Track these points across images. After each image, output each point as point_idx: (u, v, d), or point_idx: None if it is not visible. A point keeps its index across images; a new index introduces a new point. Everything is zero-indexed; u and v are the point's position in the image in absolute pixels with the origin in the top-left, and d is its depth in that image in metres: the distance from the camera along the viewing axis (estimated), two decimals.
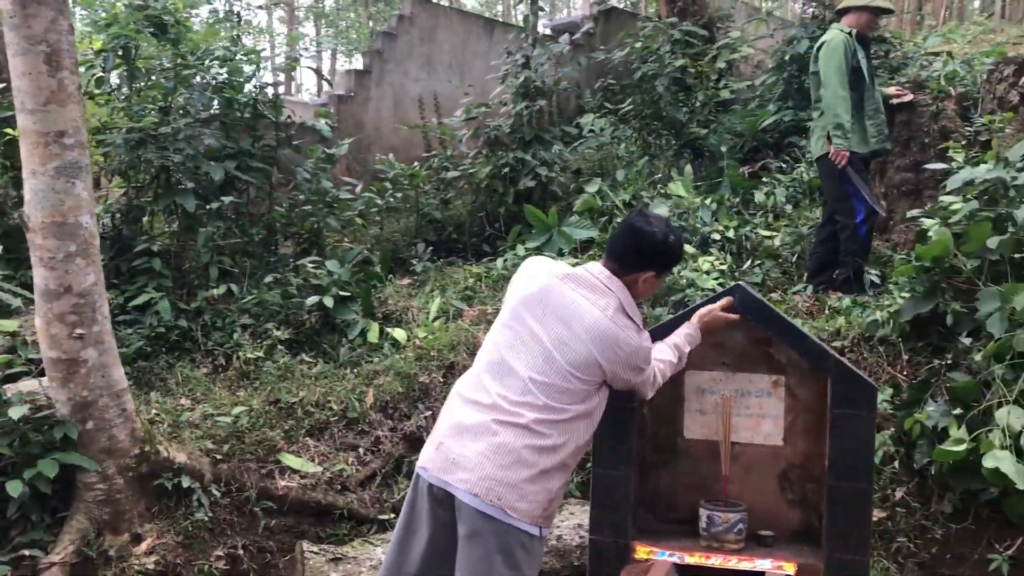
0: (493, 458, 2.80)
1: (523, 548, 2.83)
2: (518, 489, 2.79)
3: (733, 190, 7.23)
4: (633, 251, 3.01)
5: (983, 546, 4.33)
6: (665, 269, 3.12)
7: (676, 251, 3.07)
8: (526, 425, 2.83)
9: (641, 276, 3.02)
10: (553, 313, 2.94)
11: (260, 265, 6.36)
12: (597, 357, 2.90)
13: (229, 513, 4.31)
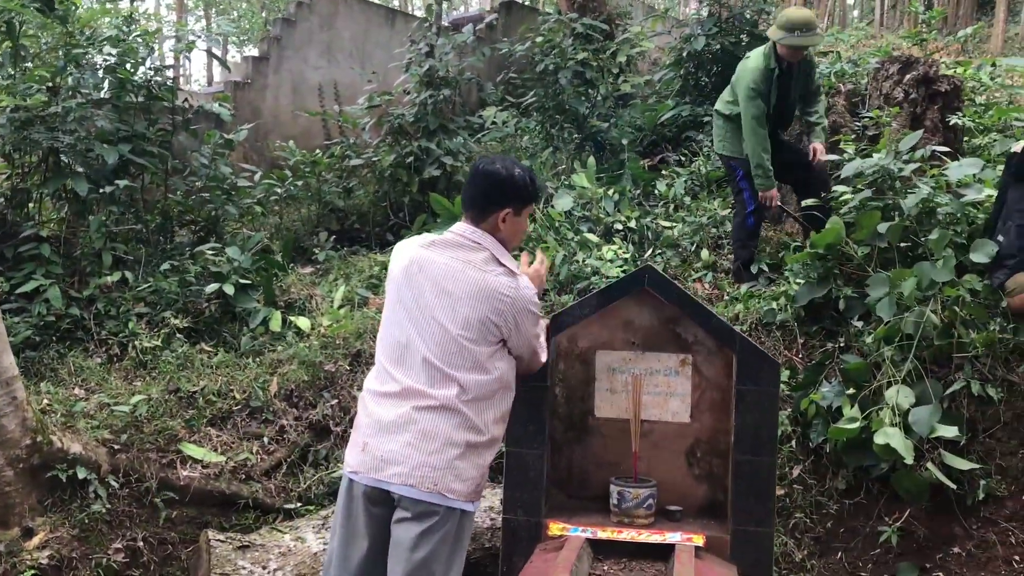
0: (421, 446, 2.80)
1: (462, 527, 2.88)
2: (452, 470, 2.81)
3: (634, 182, 7.37)
4: (482, 194, 3.01)
5: (874, 520, 4.54)
6: (522, 205, 3.05)
7: (525, 184, 3.03)
8: (443, 405, 2.84)
9: (499, 217, 3.00)
10: (432, 285, 2.94)
11: (155, 253, 6.16)
12: (487, 314, 2.90)
13: (128, 505, 4.17)
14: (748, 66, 5.70)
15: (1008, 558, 4.17)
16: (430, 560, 2.77)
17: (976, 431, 4.47)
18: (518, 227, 3.08)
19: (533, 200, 3.15)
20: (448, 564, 2.83)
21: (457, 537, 2.86)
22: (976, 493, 4.32)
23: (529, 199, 3.09)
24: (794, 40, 5.54)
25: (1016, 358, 4.52)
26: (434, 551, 2.78)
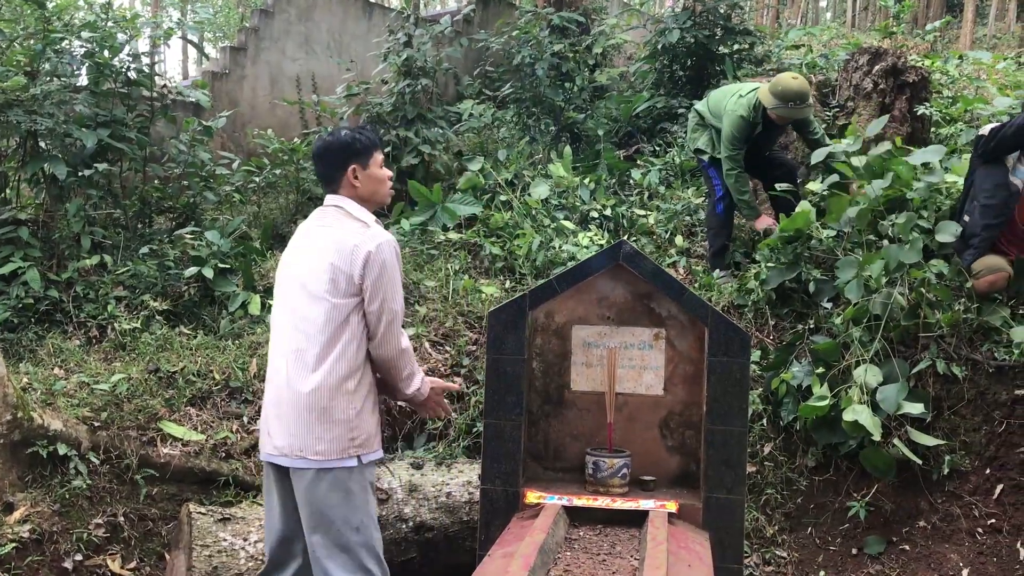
0: (286, 418, 3.07)
1: (341, 484, 3.03)
2: (310, 434, 3.02)
3: (610, 171, 7.47)
4: (326, 164, 3.17)
5: (843, 495, 4.66)
6: (363, 157, 3.16)
7: (355, 138, 3.15)
8: (298, 373, 3.06)
9: (348, 177, 3.13)
10: (298, 258, 3.18)
11: (134, 238, 6.16)
12: (335, 263, 3.03)
13: (108, 481, 4.19)
14: (731, 111, 5.83)
15: (972, 530, 4.30)
16: (323, 515, 3.02)
17: (941, 408, 4.60)
18: (372, 180, 3.19)
19: (373, 148, 3.21)
20: (346, 513, 3.02)
21: (344, 492, 3.03)
22: (941, 468, 4.45)
23: (367, 148, 3.17)
24: (786, 111, 5.73)
25: (980, 337, 4.65)
26: (326, 508, 3.01)
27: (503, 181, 6.99)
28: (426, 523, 4.01)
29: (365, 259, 3.01)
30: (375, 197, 3.23)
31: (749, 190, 5.88)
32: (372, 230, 3.09)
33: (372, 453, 3.14)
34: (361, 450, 3.07)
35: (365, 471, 3.11)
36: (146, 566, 4.10)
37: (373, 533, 3.10)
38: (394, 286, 3.09)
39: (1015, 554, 4.12)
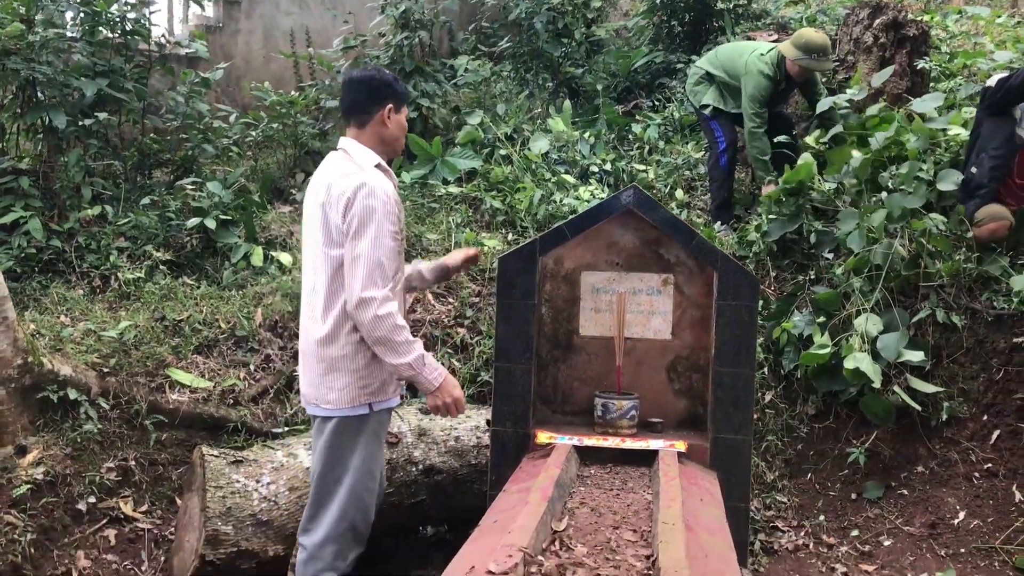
0: (304, 369, 3.22)
1: (353, 431, 3.10)
2: (323, 384, 3.09)
3: (609, 126, 7.46)
4: (366, 93, 3.15)
5: (842, 442, 4.74)
6: (400, 100, 3.22)
7: (397, 81, 3.22)
8: (311, 322, 3.15)
9: (383, 113, 3.15)
10: (306, 204, 3.21)
11: (134, 189, 6.13)
12: (326, 209, 3.03)
13: (119, 426, 4.22)
14: (753, 70, 5.86)
15: (968, 475, 4.39)
16: (326, 457, 3.12)
17: (940, 356, 4.67)
18: (401, 125, 3.24)
19: (406, 97, 3.30)
20: (341, 457, 3.10)
21: (349, 437, 3.10)
22: (939, 415, 4.53)
23: (404, 96, 3.25)
24: (810, 63, 5.79)
25: (979, 287, 4.71)
26: (329, 451, 3.11)
27: (502, 135, 6.97)
28: (435, 466, 4.06)
29: (347, 203, 2.97)
30: (396, 144, 3.26)
31: (770, 153, 5.90)
32: (365, 174, 3.03)
33: (385, 401, 3.17)
34: (373, 398, 3.10)
35: (377, 418, 3.15)
36: (157, 509, 4.15)
37: (363, 479, 3.11)
38: (374, 234, 2.95)
39: (1011, 497, 4.21)
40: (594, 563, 2.10)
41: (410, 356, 2.98)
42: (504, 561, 1.94)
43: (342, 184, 3.00)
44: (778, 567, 4.19)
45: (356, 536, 3.13)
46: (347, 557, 3.11)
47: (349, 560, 3.12)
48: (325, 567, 3.08)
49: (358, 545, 3.15)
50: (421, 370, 3.01)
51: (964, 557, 4.06)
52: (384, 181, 3.08)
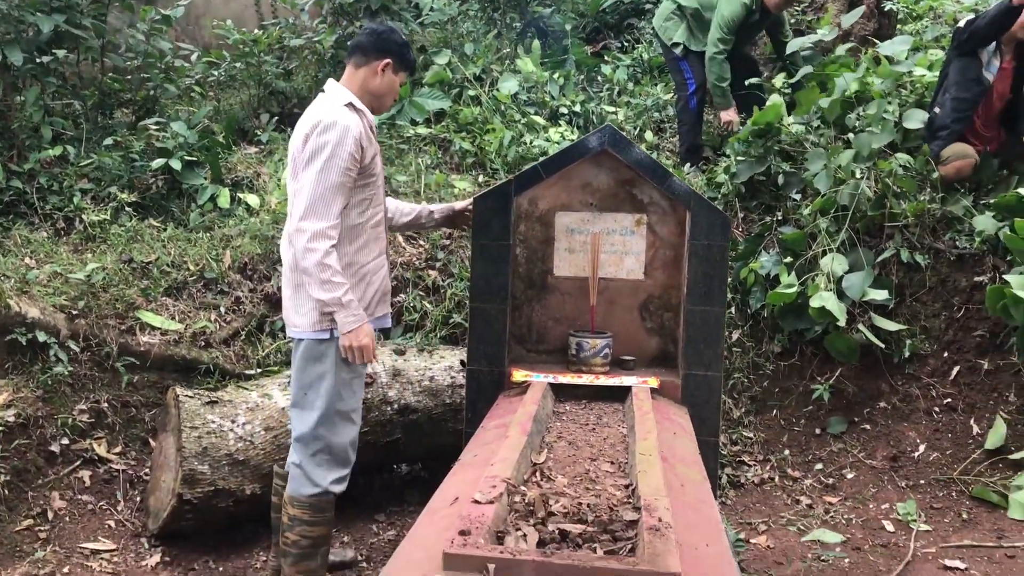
0: (283, 292, 3.29)
1: (319, 355, 3.15)
2: (291, 307, 3.20)
3: (578, 67, 7.42)
4: (373, 41, 3.19)
5: (807, 379, 4.85)
6: (401, 64, 3.25)
7: (409, 47, 3.26)
8: (285, 249, 3.25)
9: (378, 64, 3.18)
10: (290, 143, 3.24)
11: (95, 129, 6.01)
12: (295, 142, 3.11)
13: (89, 369, 4.20)
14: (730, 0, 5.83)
15: (929, 410, 4.52)
16: (298, 378, 3.21)
17: (904, 295, 4.77)
18: (392, 86, 3.26)
19: (410, 66, 3.32)
20: (311, 380, 3.16)
21: (317, 361, 3.15)
22: (902, 352, 4.65)
23: (408, 63, 3.29)
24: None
25: (943, 227, 4.80)
26: (299, 372, 3.20)
27: (471, 76, 6.91)
28: (410, 405, 4.10)
29: (305, 137, 3.06)
30: (382, 100, 3.28)
31: (729, 79, 5.91)
32: (330, 110, 3.08)
33: None
34: (334, 324, 3.10)
35: (331, 348, 3.15)
36: (131, 451, 4.16)
37: (333, 402, 3.14)
38: (320, 167, 3.00)
39: (969, 430, 4.36)
40: (575, 492, 2.15)
41: (328, 295, 3.00)
42: (489, 491, 1.98)
43: (306, 120, 3.11)
44: (745, 500, 4.31)
45: (334, 457, 3.16)
46: (326, 476, 3.14)
47: (330, 479, 3.15)
48: (302, 484, 3.14)
49: (339, 465, 3.18)
50: (338, 310, 3.03)
51: (924, 488, 4.20)
52: (349, 118, 3.08)
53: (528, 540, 1.79)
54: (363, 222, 3.18)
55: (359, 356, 3.10)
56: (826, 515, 4.08)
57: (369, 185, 3.19)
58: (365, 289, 3.22)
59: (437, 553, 1.66)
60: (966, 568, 3.53)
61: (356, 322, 3.06)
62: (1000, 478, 4.09)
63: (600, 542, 1.82)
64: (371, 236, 3.23)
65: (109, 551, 3.62)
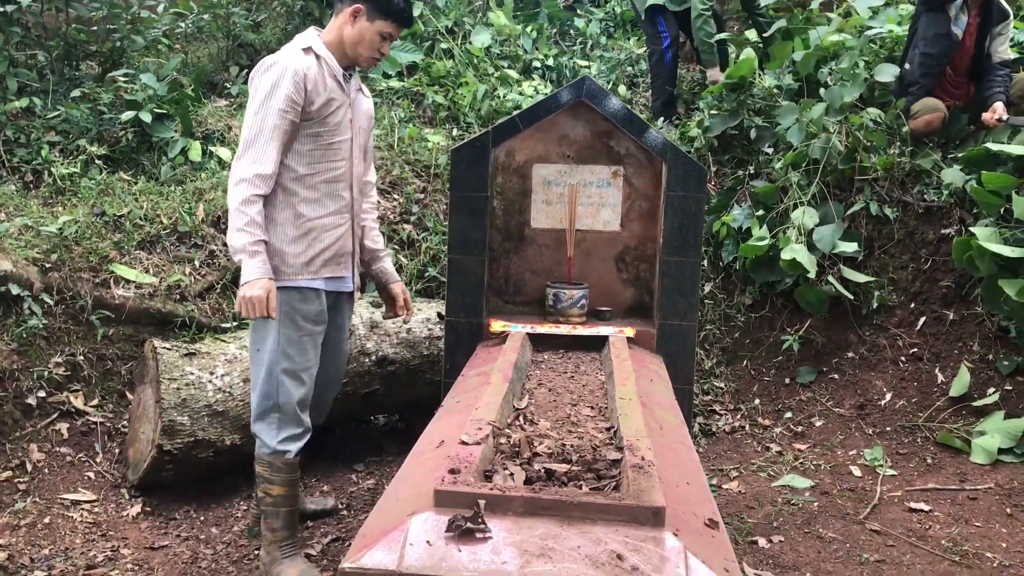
0: None
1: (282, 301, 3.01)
2: None
3: (551, 21, 7.39)
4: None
5: (777, 330, 4.93)
6: (376, 9, 2.95)
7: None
8: None
9: (346, 12, 2.95)
10: None
11: (61, 81, 5.90)
12: None
13: (64, 322, 4.17)
14: None
15: (895, 359, 4.63)
16: (253, 337, 3.08)
17: (872, 248, 4.86)
18: (365, 36, 2.98)
19: (391, 14, 2.98)
20: (260, 336, 3.03)
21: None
22: (870, 303, 4.74)
23: (386, 8, 2.96)
24: None
25: (911, 181, 4.88)
26: (251, 331, 3.10)
27: (443, 29, 6.85)
28: (388, 357, 4.13)
29: (251, 78, 2.94)
30: (355, 51, 3.00)
31: (715, 34, 5.94)
32: (282, 51, 2.94)
33: (286, 280, 2.98)
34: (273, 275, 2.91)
35: (284, 297, 2.97)
36: (108, 403, 4.15)
37: (278, 360, 2.99)
38: (255, 110, 2.86)
39: (934, 379, 4.47)
40: (558, 435, 2.20)
41: (237, 241, 2.83)
42: (475, 433, 2.02)
43: (267, 59, 2.95)
44: (716, 448, 4.40)
45: (285, 416, 3.02)
46: (275, 436, 3.02)
47: (279, 438, 3.02)
48: (260, 445, 3.05)
49: (293, 424, 3.03)
50: (243, 259, 2.84)
51: (890, 435, 4.32)
52: (295, 60, 2.88)
53: (515, 478, 1.84)
54: (312, 174, 2.98)
55: (248, 309, 2.83)
56: (795, 461, 4.18)
57: (321, 135, 2.97)
58: (309, 244, 3.00)
59: (427, 491, 1.70)
60: (930, 510, 3.65)
61: (254, 274, 2.82)
62: (964, 424, 4.21)
63: (585, 480, 1.87)
64: (324, 192, 3.02)
65: (89, 502, 3.63)
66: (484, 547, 1.55)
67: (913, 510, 3.66)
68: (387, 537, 1.60)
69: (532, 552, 1.54)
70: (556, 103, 3.68)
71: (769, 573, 3.13)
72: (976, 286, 4.49)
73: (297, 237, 2.98)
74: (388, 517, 1.71)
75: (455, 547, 1.54)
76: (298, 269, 3.00)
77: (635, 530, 1.60)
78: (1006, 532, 3.44)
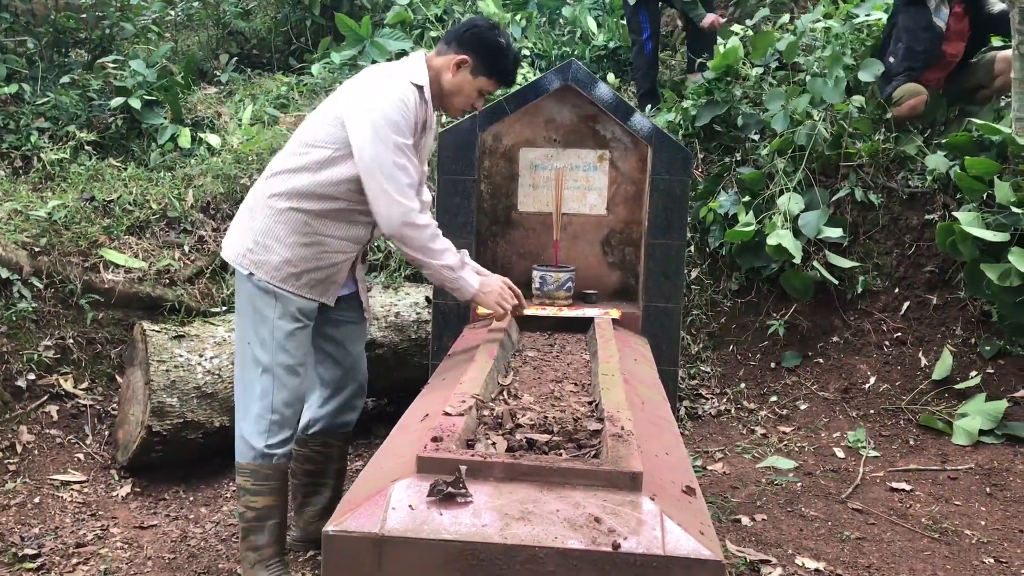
0: None
1: (239, 286, 2.79)
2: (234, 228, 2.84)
3: (540, 9, 7.41)
4: (459, 32, 2.79)
5: (763, 315, 4.97)
6: (485, 66, 2.76)
7: (499, 48, 2.77)
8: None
9: (452, 59, 2.74)
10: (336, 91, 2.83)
11: (50, 68, 5.91)
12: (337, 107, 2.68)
13: (54, 306, 4.19)
14: None
15: (880, 344, 4.67)
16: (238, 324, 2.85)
17: (857, 233, 4.90)
18: (464, 88, 2.78)
19: (497, 71, 2.79)
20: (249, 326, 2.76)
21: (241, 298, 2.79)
22: (855, 288, 4.78)
23: (494, 67, 2.78)
24: None
25: (896, 167, 4.92)
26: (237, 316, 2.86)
27: (432, 16, 6.87)
28: (376, 340, 4.16)
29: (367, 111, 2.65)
30: (449, 101, 2.81)
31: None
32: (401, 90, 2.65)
33: (262, 279, 2.70)
34: (254, 267, 2.70)
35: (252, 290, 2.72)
36: (98, 386, 4.17)
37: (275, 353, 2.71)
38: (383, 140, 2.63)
39: (917, 362, 4.52)
40: (541, 408, 2.24)
41: (452, 259, 2.84)
42: (459, 405, 2.06)
43: (370, 77, 2.75)
44: (702, 431, 4.45)
45: (280, 417, 2.75)
46: (270, 439, 2.74)
47: (275, 440, 2.74)
48: (244, 451, 2.77)
49: (287, 426, 2.77)
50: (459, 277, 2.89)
51: (873, 417, 4.36)
52: (411, 94, 2.67)
53: (497, 447, 1.88)
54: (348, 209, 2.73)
55: (503, 305, 2.87)
56: (780, 443, 4.23)
57: None
58: (307, 259, 2.72)
59: (410, 460, 1.73)
60: (911, 489, 3.70)
61: (476, 279, 2.85)
62: (946, 407, 4.26)
63: (566, 449, 1.91)
64: (347, 219, 2.75)
65: (79, 482, 3.66)
66: (465, 511, 1.58)
67: (894, 490, 3.71)
68: (370, 501, 1.63)
69: (512, 515, 1.57)
70: (543, 87, 3.71)
71: (751, 550, 3.18)
72: (959, 271, 4.53)
73: (298, 244, 2.69)
74: (372, 484, 1.75)
75: (436, 511, 1.58)
76: (283, 277, 2.70)
77: (613, 494, 1.63)
78: (985, 510, 3.49)
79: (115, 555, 3.16)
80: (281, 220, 2.69)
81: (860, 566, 3.09)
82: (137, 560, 3.15)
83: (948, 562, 3.11)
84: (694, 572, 1.50)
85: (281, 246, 2.69)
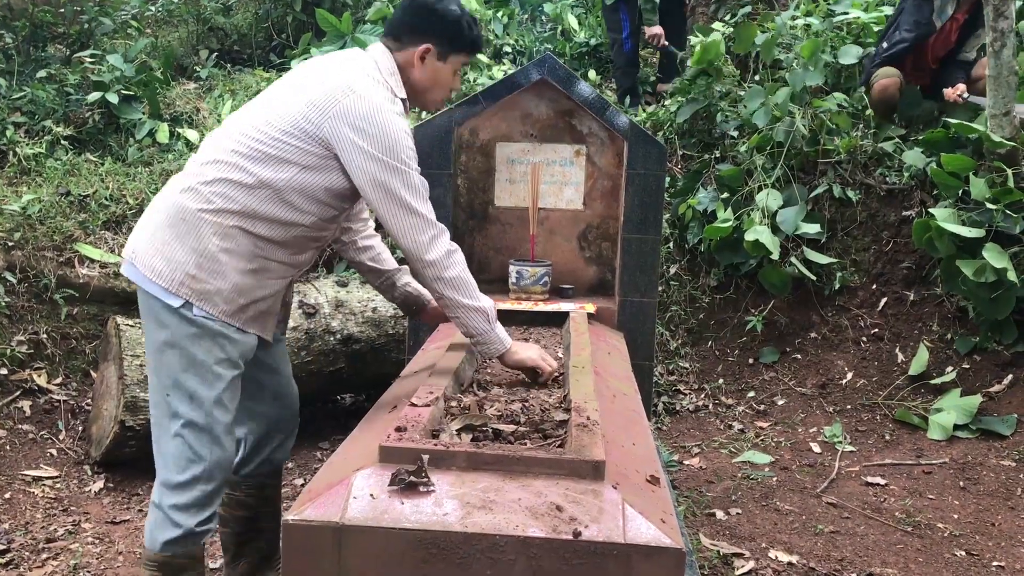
0: None
1: (158, 321, 2.22)
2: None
3: (522, 6, 7.41)
4: (409, 16, 2.37)
5: (741, 311, 4.99)
6: (450, 45, 2.36)
7: (459, 20, 2.36)
8: None
9: (416, 51, 2.33)
10: (281, 83, 2.36)
11: (27, 62, 5.87)
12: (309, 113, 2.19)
13: (27, 301, 4.16)
14: None
15: (857, 339, 4.69)
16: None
17: (835, 230, 4.92)
18: (437, 73, 2.39)
19: (466, 46, 2.41)
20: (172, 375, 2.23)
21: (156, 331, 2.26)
22: (832, 284, 4.81)
23: (460, 42, 2.38)
24: None
25: (874, 163, 4.94)
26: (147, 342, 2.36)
27: None
28: (353, 335, 4.15)
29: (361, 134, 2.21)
30: (425, 96, 2.44)
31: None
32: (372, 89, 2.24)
33: (208, 317, 2.17)
34: (196, 298, 2.15)
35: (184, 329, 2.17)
36: (72, 382, 4.15)
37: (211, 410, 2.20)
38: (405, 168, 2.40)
39: (894, 358, 4.54)
40: (509, 400, 2.23)
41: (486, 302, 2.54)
42: (425, 396, 2.05)
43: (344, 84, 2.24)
44: (680, 426, 4.45)
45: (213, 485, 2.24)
46: (202, 514, 2.23)
47: (207, 515, 2.24)
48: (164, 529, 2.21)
49: (217, 496, 2.27)
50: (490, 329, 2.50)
51: (850, 412, 4.38)
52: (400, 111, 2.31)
53: (462, 437, 1.87)
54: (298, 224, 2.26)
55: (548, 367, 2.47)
56: (757, 439, 4.24)
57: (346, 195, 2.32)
58: (253, 287, 2.25)
59: (374, 450, 1.73)
60: (886, 484, 3.72)
61: (508, 338, 2.46)
62: (922, 402, 4.28)
63: (532, 439, 1.91)
64: (296, 243, 2.31)
65: (51, 478, 3.63)
66: (427, 500, 1.57)
67: (869, 484, 3.72)
68: (331, 491, 1.62)
69: (474, 504, 1.56)
70: (519, 81, 3.70)
71: (725, 543, 3.18)
72: (936, 267, 4.55)
73: (245, 271, 2.22)
74: (334, 473, 1.74)
75: (398, 500, 1.57)
76: (231, 312, 2.21)
77: (575, 483, 1.63)
78: (958, 504, 3.51)
79: (86, 550, 3.14)
80: (228, 241, 2.18)
81: (833, 559, 3.10)
82: (108, 555, 3.12)
83: (920, 555, 3.13)
84: (654, 560, 1.50)
85: (231, 271, 2.19)
